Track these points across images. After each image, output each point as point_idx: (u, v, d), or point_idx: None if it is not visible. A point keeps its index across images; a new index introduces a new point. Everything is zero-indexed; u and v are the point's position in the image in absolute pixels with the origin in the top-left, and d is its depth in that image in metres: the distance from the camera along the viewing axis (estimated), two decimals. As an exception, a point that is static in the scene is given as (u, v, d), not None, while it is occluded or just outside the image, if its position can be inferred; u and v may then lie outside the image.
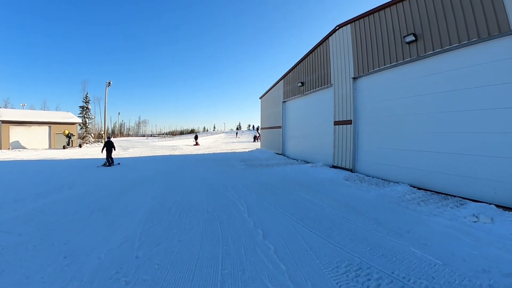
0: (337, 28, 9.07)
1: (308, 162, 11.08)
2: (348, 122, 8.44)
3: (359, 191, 5.44)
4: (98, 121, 54.11)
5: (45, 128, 26.40)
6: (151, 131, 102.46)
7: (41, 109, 41.52)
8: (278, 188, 5.86)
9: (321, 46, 10.28)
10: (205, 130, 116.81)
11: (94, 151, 21.30)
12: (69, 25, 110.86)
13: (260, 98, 20.74)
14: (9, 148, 23.16)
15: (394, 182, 6.47)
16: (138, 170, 9.43)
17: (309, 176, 7.45)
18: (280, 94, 15.21)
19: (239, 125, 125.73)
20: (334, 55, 9.30)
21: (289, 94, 13.86)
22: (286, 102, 14.68)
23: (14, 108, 37.94)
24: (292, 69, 13.24)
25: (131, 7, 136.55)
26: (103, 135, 33.58)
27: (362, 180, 6.78)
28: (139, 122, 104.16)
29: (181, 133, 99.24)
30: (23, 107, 41.43)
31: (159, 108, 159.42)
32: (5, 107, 46.25)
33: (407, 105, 6.39)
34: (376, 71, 7.45)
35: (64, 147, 24.66)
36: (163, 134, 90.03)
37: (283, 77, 14.68)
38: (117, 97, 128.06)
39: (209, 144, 33.79)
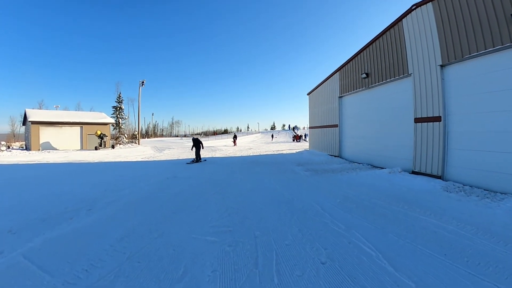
0: (413, 7, 8.21)
1: (376, 167, 10.28)
2: (435, 119, 7.55)
3: (484, 209, 4.60)
4: (132, 122, 57.29)
5: (77, 128, 27.93)
6: (184, 131, 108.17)
7: (75, 111, 44.47)
8: (381, 207, 4.89)
9: (391, 30, 9.43)
10: (238, 130, 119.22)
11: (127, 152, 22.34)
12: (104, 26, 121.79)
13: (308, 94, 20.10)
14: (39, 149, 24.66)
15: (502, 194, 5.59)
16: (180, 179, 8.20)
17: (397, 186, 6.70)
18: (336, 88, 14.47)
19: (274, 124, 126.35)
20: (411, 40, 8.43)
21: (347, 88, 13.09)
22: (344, 97, 13.90)
23: (50, 110, 40.82)
24: (352, 59, 12.45)
25: (165, 7, 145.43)
26: (137, 135, 35.23)
27: (465, 191, 5.92)
28: (172, 123, 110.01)
29: (214, 133, 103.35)
30: (56, 108, 45.08)
31: (191, 109, 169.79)
32: (39, 108, 50.62)
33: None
34: (473, 57, 6.51)
35: (96, 148, 25.82)
36: (197, 134, 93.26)
37: (339, 69, 13.92)
38: (150, 98, 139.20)
39: (247, 145, 33.96)
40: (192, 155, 17.92)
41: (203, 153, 18.65)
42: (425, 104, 7.90)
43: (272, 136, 52.33)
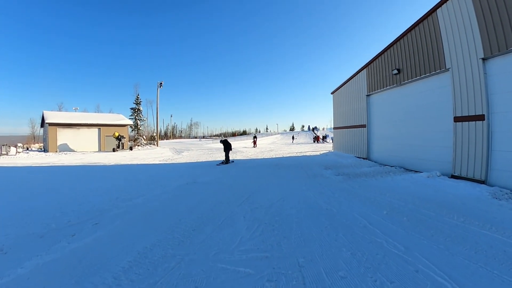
0: (449, -4, 7.79)
1: (409, 170, 9.85)
2: (478, 117, 7.10)
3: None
4: (151, 124, 58.75)
5: (95, 130, 28.79)
6: (203, 133, 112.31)
7: (94, 113, 45.98)
8: (434, 219, 4.48)
9: (424, 22, 9.01)
10: (257, 131, 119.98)
11: (145, 154, 22.74)
12: (122, 30, 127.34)
13: (332, 93, 19.73)
14: (56, 151, 25.60)
15: None
16: (200, 185, 7.87)
17: (442, 193, 6.29)
18: (363, 86, 14.06)
19: (293, 125, 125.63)
20: (448, 31, 8.00)
21: (376, 86, 12.67)
22: (372, 96, 13.47)
23: (68, 112, 42.39)
24: (381, 54, 12.04)
25: (183, 11, 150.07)
26: (156, 137, 35.94)
27: None
28: (191, 124, 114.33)
29: (233, 134, 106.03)
30: (75, 110, 46.74)
31: (210, 110, 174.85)
32: (59, 111, 52.73)
33: None
34: None
35: (113, 150, 26.60)
36: (216, 136, 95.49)
37: (367, 66, 13.53)
38: (169, 100, 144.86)
39: (267, 146, 33.86)
40: (215, 157, 18.05)
41: (224, 156, 18.75)
42: (466, 102, 7.46)
43: (293, 137, 50.93)
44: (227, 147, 14.40)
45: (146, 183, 8.38)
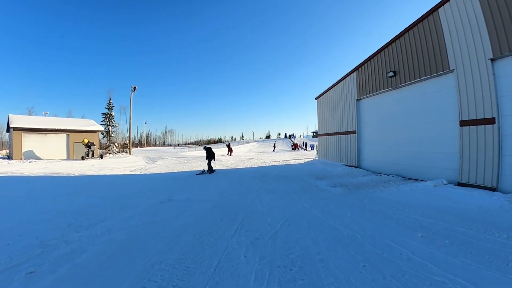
0: (453, -6, 7.73)
1: (408, 178, 9.65)
2: (488, 121, 6.98)
3: None
4: (124, 131, 56.47)
5: (63, 136, 27.17)
6: (177, 140, 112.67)
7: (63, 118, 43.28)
8: (478, 239, 4.06)
9: (424, 21, 8.96)
10: (232, 139, 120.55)
11: (116, 163, 21.29)
12: (95, 42, 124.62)
13: (317, 98, 19.62)
14: (21, 158, 23.72)
15: None
16: (178, 204, 6.65)
17: (461, 204, 5.95)
18: (352, 90, 13.93)
19: (269, 133, 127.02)
20: (451, 31, 7.93)
21: (367, 90, 12.54)
22: (362, 100, 13.34)
23: (35, 116, 39.70)
24: (374, 56, 11.95)
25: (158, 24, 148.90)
26: (128, 144, 34.41)
27: None
28: (165, 132, 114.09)
29: (209, 142, 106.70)
30: (45, 115, 43.75)
31: (185, 118, 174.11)
32: (29, 115, 49.60)
33: None
34: None
35: (82, 158, 25.05)
36: (191, 144, 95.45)
37: (357, 69, 13.42)
38: (143, 107, 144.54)
39: (246, 155, 33.39)
40: (192, 166, 17.16)
41: (202, 165, 17.88)
42: (473, 105, 7.34)
43: (274, 146, 49.12)
44: (210, 155, 13.86)
45: (111, 201, 6.99)
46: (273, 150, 43.69)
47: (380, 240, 4.23)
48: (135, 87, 32.98)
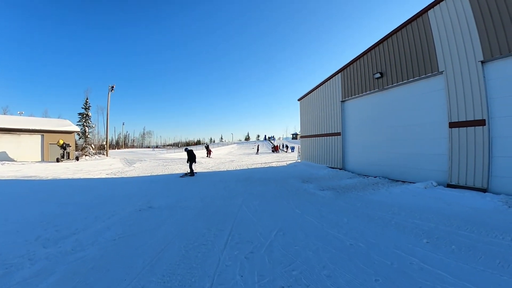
0: (443, -4, 7.74)
1: (395, 180, 9.60)
2: (478, 122, 7.01)
3: None
4: (101, 132, 54.36)
5: (37, 137, 25.70)
6: (156, 142, 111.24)
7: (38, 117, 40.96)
8: (483, 242, 3.97)
9: (413, 23, 8.97)
10: (212, 141, 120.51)
11: (92, 166, 20.29)
12: (73, 41, 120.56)
13: (299, 100, 19.53)
14: None
15: None
16: (158, 212, 6.05)
17: (456, 206, 5.86)
18: (337, 91, 13.87)
19: (248, 135, 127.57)
20: (441, 33, 7.95)
21: (352, 91, 12.49)
22: (347, 102, 13.30)
23: (9, 115, 37.32)
24: (359, 58, 11.92)
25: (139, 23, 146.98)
26: (105, 146, 33.05)
27: None
28: (143, 133, 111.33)
29: (188, 144, 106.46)
30: (20, 114, 41.14)
31: (164, 119, 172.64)
32: (4, 114, 46.67)
33: None
34: None
35: (57, 160, 23.71)
36: (169, 146, 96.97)
37: (342, 70, 13.37)
38: (121, 107, 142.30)
39: (226, 157, 33.04)
40: (172, 169, 16.59)
41: (181, 167, 17.25)
42: (463, 106, 7.35)
43: (258, 148, 46.35)
44: (192, 157, 13.58)
45: (85, 208, 6.34)
46: (257, 153, 41.78)
47: (386, 248, 3.96)
48: (112, 87, 31.74)
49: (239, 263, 3.51)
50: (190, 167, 13.45)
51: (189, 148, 14.38)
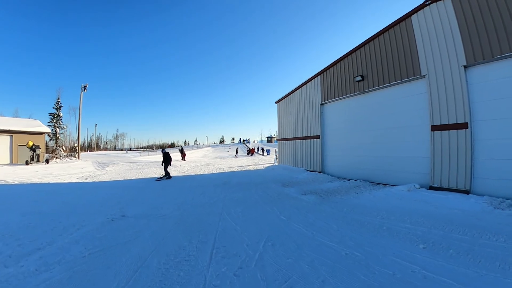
0: (427, 3, 7.84)
1: (376, 183, 9.59)
2: (460, 126, 7.09)
3: None
4: (73, 133, 51.61)
5: (6, 138, 24.25)
6: (129, 144, 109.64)
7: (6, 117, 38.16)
8: (480, 245, 3.98)
9: (396, 27, 9.04)
10: (186, 143, 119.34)
11: (63, 169, 18.97)
12: (47, 41, 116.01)
13: (277, 102, 19.36)
14: None
15: None
16: (132, 222, 5.44)
17: (443, 209, 5.85)
18: (316, 94, 13.80)
19: (223, 138, 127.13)
20: (424, 38, 8.03)
21: (332, 94, 12.45)
22: (327, 104, 13.25)
23: None
24: (340, 61, 11.90)
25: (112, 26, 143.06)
26: (77, 147, 31.26)
27: None
28: (116, 135, 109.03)
29: (162, 147, 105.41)
30: None
31: (137, 121, 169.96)
32: None
33: None
34: (506, 57, 6.22)
35: (27, 163, 22.36)
36: (143, 148, 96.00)
37: (321, 73, 13.33)
38: (94, 108, 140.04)
39: (201, 160, 32.33)
40: (146, 173, 15.84)
41: (156, 171, 16.47)
42: (445, 110, 7.41)
43: (237, 151, 43.87)
44: (167, 160, 13.24)
45: (53, 218, 5.65)
46: (236, 156, 40.31)
47: (384, 256, 3.72)
48: (85, 86, 30.07)
49: (229, 282, 3.06)
50: (166, 169, 13.07)
51: (165, 150, 13.94)
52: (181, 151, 32.05)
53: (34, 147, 23.27)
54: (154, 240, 4.38)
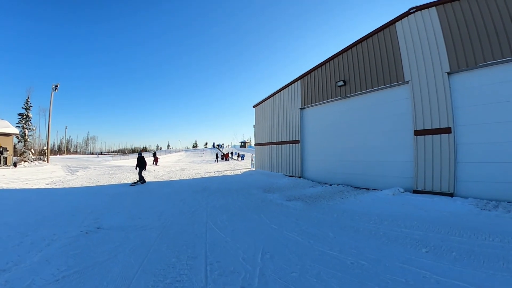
0: (412, 11, 8.04)
1: (359, 188, 9.60)
2: (444, 130, 7.27)
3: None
4: (43, 136, 48.21)
5: None
6: (100, 148, 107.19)
7: None
8: (482, 246, 4.07)
9: (379, 34, 9.20)
10: (158, 148, 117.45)
11: (31, 173, 17.56)
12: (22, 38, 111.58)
13: (255, 106, 19.19)
14: None
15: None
16: (109, 236, 4.84)
17: (433, 212, 5.92)
18: (296, 99, 13.77)
19: (196, 142, 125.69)
20: (408, 45, 8.22)
21: (313, 99, 12.46)
22: (307, 109, 13.24)
23: None
24: (320, 66, 11.95)
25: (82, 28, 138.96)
26: (46, 151, 29.23)
27: (504, 207, 5.82)
28: (87, 139, 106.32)
29: (133, 151, 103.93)
30: None
31: (109, 125, 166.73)
32: None
33: None
34: (488, 65, 6.49)
35: None
36: (114, 152, 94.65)
37: (301, 77, 13.33)
38: (65, 110, 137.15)
39: (175, 165, 31.48)
40: (119, 178, 14.97)
41: (130, 176, 15.60)
42: (428, 115, 7.57)
43: (217, 156, 41.69)
44: (142, 164, 12.87)
45: (18, 232, 4.95)
46: (216, 161, 38.54)
47: (391, 263, 3.57)
48: (57, 86, 28.51)
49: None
50: (140, 174, 12.71)
51: (142, 154, 13.61)
52: (154, 155, 31.05)
53: (1, 149, 21.82)
54: (137, 257, 3.83)
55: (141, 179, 12.50)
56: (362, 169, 9.82)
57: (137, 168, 12.82)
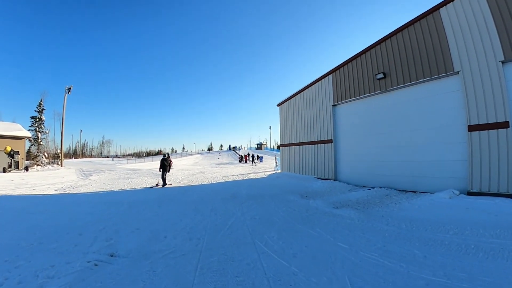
0: (457, -5, 7.90)
1: (403, 191, 9.52)
2: (501, 125, 7.15)
3: None
4: (57, 139, 50.43)
5: None
6: (115, 152, 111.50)
7: None
8: None
9: (422, 21, 9.13)
10: (173, 151, 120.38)
11: (42, 177, 18.30)
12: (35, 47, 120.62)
13: (279, 105, 19.31)
14: None
15: None
16: (126, 271, 3.63)
17: (505, 216, 5.85)
18: (328, 95, 13.78)
19: (211, 145, 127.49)
20: (456, 33, 8.10)
21: (347, 94, 12.45)
22: (340, 106, 13.24)
23: None
24: (356, 58, 11.95)
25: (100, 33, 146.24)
26: (60, 154, 30.57)
27: None
28: (102, 142, 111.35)
29: (148, 154, 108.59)
30: None
31: (124, 128, 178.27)
32: None
33: None
34: None
35: (4, 170, 21.76)
36: (129, 155, 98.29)
37: (333, 71, 13.35)
38: (80, 114, 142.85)
39: (193, 168, 31.98)
40: (136, 183, 15.43)
41: (147, 181, 16.01)
42: (483, 109, 7.46)
43: (245, 157, 44.46)
44: (165, 166, 14.14)
45: (4, 260, 3.95)
46: (245, 161, 41.81)
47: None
48: (70, 88, 29.84)
49: None
50: (163, 176, 13.85)
51: (165, 156, 14.88)
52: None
53: (12, 153, 22.76)
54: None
55: (164, 182, 13.67)
56: (407, 170, 9.71)
57: (161, 170, 13.94)
